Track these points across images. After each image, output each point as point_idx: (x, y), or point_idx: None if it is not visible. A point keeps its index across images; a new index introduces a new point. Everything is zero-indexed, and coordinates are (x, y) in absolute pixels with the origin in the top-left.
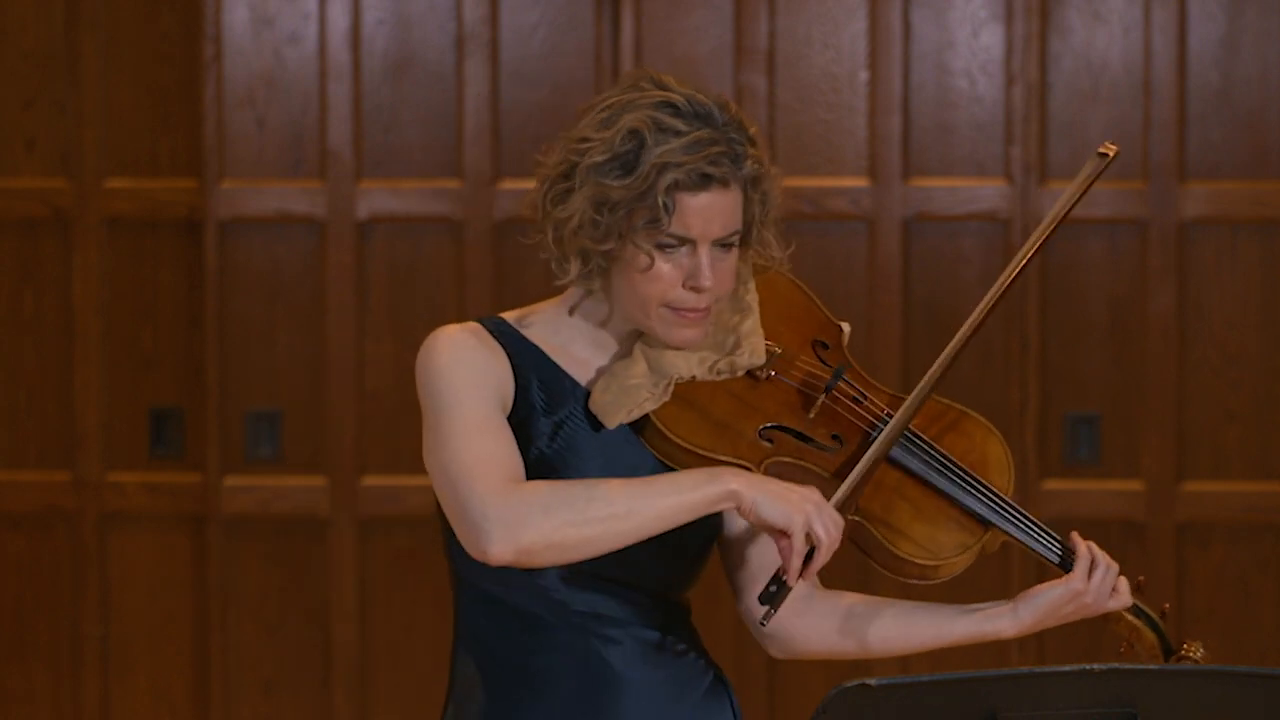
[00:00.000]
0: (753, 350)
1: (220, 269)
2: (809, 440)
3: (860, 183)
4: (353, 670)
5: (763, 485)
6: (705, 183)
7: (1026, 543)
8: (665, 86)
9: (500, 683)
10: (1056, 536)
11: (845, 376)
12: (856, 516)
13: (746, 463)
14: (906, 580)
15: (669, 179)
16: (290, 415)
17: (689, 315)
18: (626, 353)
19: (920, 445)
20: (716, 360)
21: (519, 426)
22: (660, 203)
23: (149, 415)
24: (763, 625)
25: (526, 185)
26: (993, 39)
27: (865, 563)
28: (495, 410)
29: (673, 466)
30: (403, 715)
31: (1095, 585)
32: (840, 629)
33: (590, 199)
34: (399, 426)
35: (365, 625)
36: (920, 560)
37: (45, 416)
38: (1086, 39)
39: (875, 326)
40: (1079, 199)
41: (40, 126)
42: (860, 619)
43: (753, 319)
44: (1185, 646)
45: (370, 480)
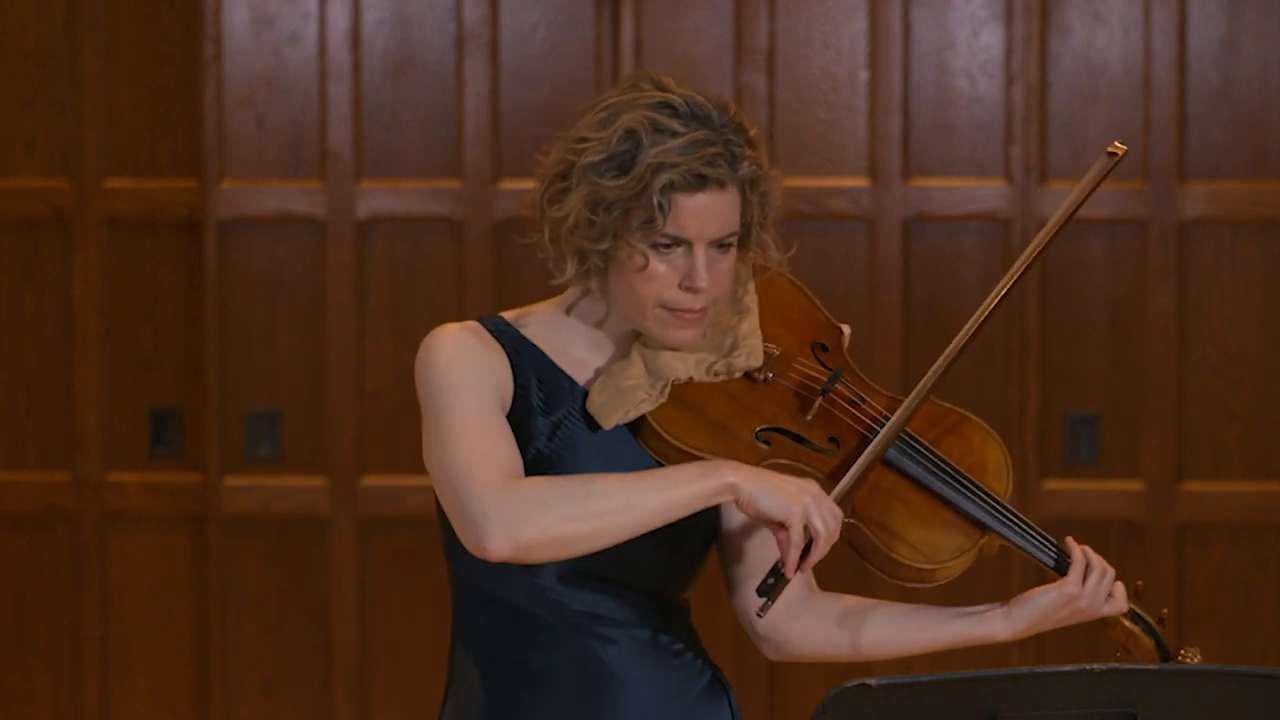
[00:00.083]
0: (750, 352)
1: (220, 269)
2: (806, 442)
3: (860, 183)
4: (353, 670)
5: (761, 478)
6: (701, 183)
7: (1023, 546)
8: (664, 87)
9: (499, 682)
10: (1052, 540)
11: (844, 379)
12: (853, 519)
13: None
14: (903, 584)
15: (664, 179)
16: (290, 415)
17: (685, 316)
18: (624, 353)
19: (917, 448)
20: (714, 362)
21: (517, 426)
22: (655, 203)
23: (149, 415)
24: (759, 616)
25: (526, 185)
26: (993, 39)
27: (864, 565)
28: (494, 408)
29: None
30: (403, 715)
31: (1090, 590)
32: (835, 631)
33: (586, 198)
34: (399, 426)
35: (365, 625)
36: (916, 564)
37: (45, 416)
38: (1086, 39)
39: (875, 327)
40: (1088, 196)
41: (40, 126)
42: (855, 621)
43: (751, 321)
44: (1183, 653)
45: (370, 480)
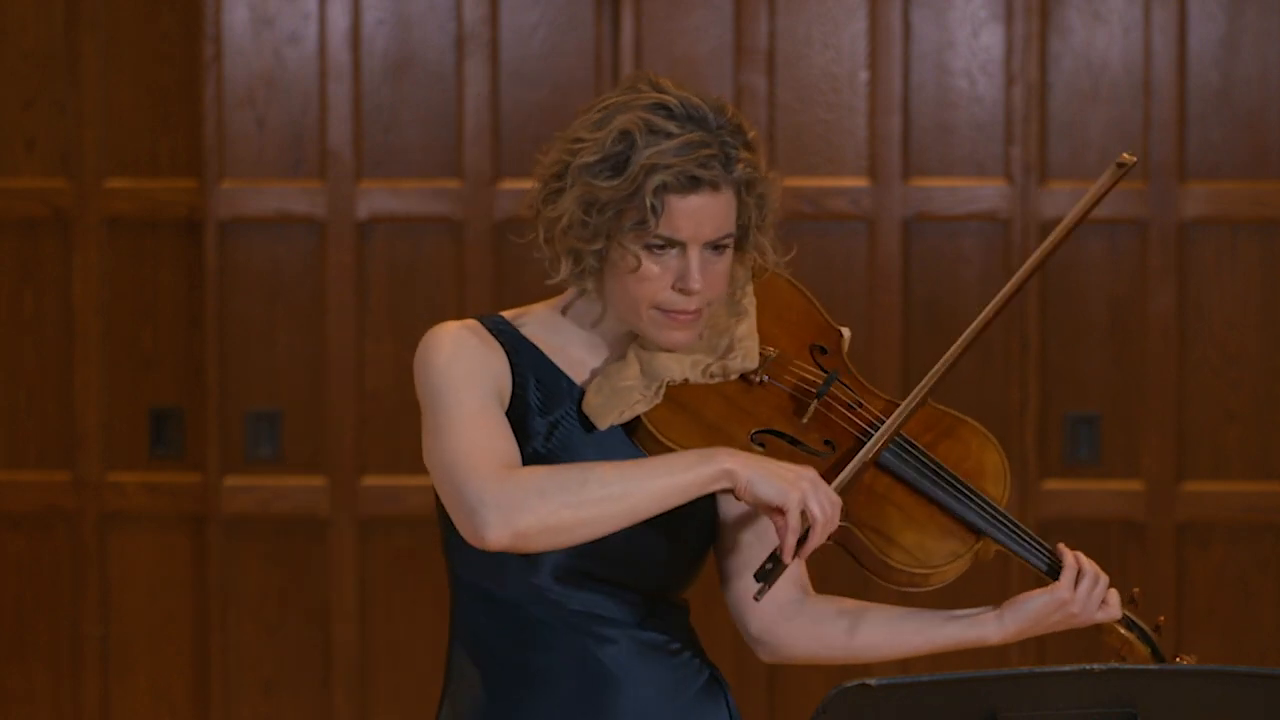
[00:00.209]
0: (746, 354)
1: (220, 269)
2: (801, 445)
3: (860, 183)
4: (353, 670)
5: (758, 464)
6: (694, 185)
7: (1017, 551)
8: (661, 89)
9: (498, 681)
10: (1046, 545)
11: (841, 382)
12: (846, 523)
13: None
14: (898, 588)
15: (657, 180)
16: (290, 415)
17: (679, 317)
18: (621, 354)
19: (912, 452)
20: (709, 364)
21: (515, 425)
22: (648, 204)
23: (149, 415)
24: (756, 600)
25: (526, 185)
26: (993, 39)
27: (861, 569)
28: (493, 404)
29: None
30: (403, 715)
31: (1082, 595)
32: (829, 634)
33: (580, 199)
34: (399, 426)
35: (365, 625)
36: (910, 568)
37: (45, 416)
38: (1086, 39)
39: (875, 327)
40: (1094, 206)
41: (40, 126)
42: (849, 624)
43: (748, 322)
44: (1179, 660)
45: (370, 480)
